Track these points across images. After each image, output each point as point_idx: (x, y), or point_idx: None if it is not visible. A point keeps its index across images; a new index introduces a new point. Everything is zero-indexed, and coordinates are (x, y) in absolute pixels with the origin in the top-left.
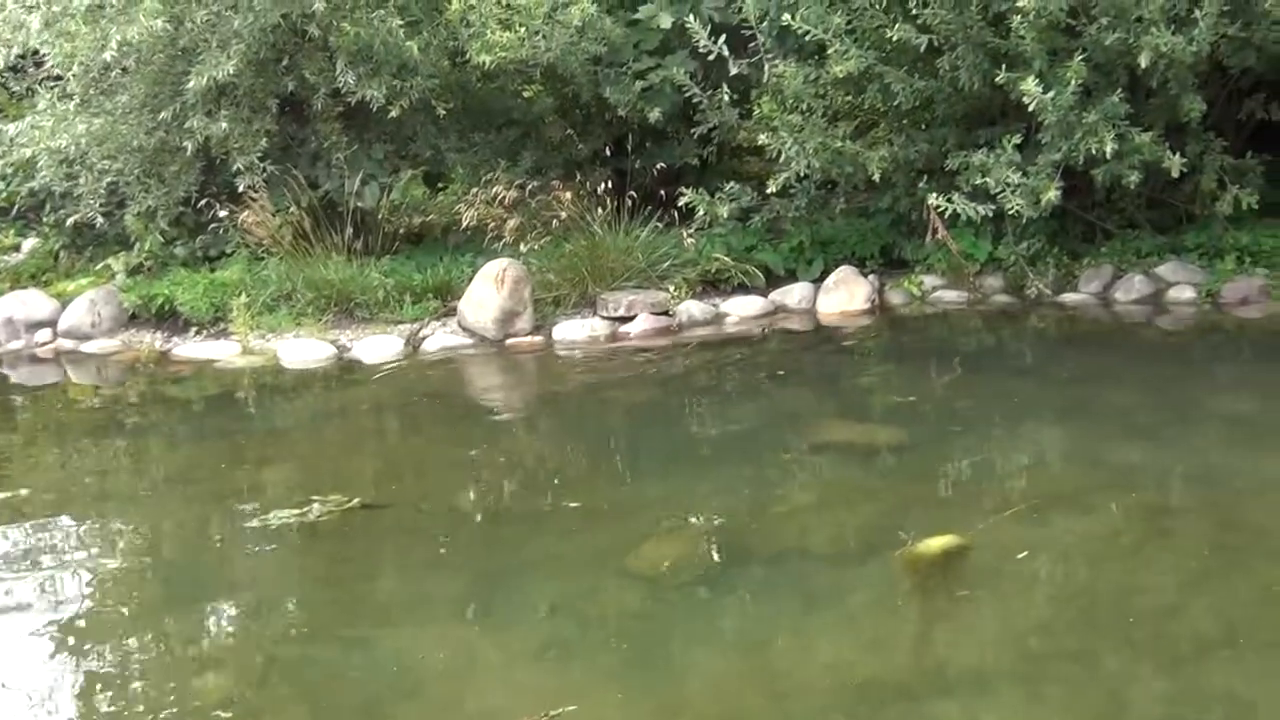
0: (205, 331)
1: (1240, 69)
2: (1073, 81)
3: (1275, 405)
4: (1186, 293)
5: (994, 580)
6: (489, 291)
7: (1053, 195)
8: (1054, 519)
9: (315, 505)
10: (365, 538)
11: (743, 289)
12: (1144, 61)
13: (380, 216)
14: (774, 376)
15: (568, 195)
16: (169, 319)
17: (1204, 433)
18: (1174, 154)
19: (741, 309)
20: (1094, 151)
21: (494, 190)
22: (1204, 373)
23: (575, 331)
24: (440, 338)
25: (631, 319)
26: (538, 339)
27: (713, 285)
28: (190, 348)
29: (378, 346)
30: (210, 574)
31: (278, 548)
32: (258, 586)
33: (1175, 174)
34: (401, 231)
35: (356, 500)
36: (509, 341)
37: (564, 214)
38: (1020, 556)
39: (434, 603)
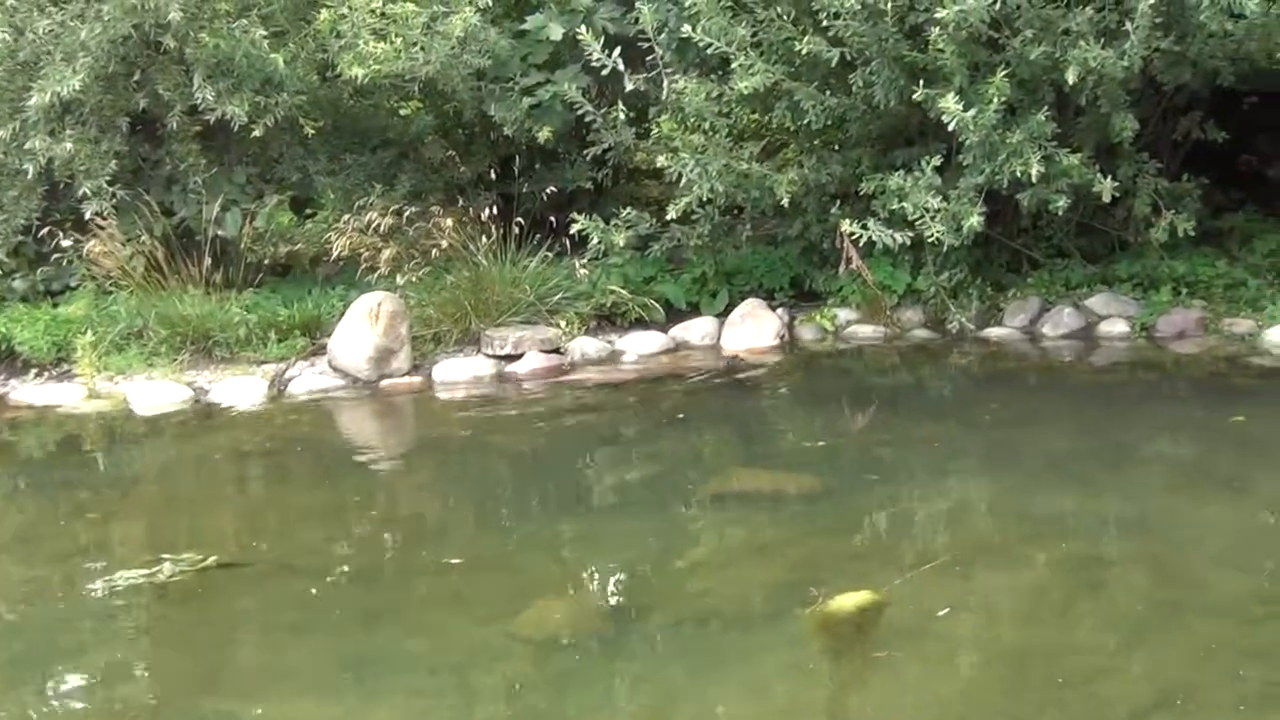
0: (46, 373)
1: (1175, 86)
2: (995, 99)
3: (1214, 448)
4: (1119, 326)
5: (914, 640)
6: (362, 328)
7: (975, 222)
8: (978, 573)
9: (167, 564)
10: (223, 600)
11: (641, 324)
12: (1071, 77)
13: (242, 246)
14: (675, 420)
15: (449, 222)
16: (5, 359)
17: (1139, 479)
18: (1105, 177)
19: (639, 346)
20: (1019, 174)
21: (368, 217)
22: (1138, 413)
23: (457, 371)
24: (308, 379)
25: (519, 357)
26: (416, 379)
27: (608, 320)
28: (29, 391)
29: (239, 389)
30: (49, 641)
31: (125, 611)
32: (101, 654)
33: (1106, 198)
34: (266, 262)
35: (213, 559)
36: (384, 383)
37: (445, 243)
38: (942, 614)
39: (299, 672)
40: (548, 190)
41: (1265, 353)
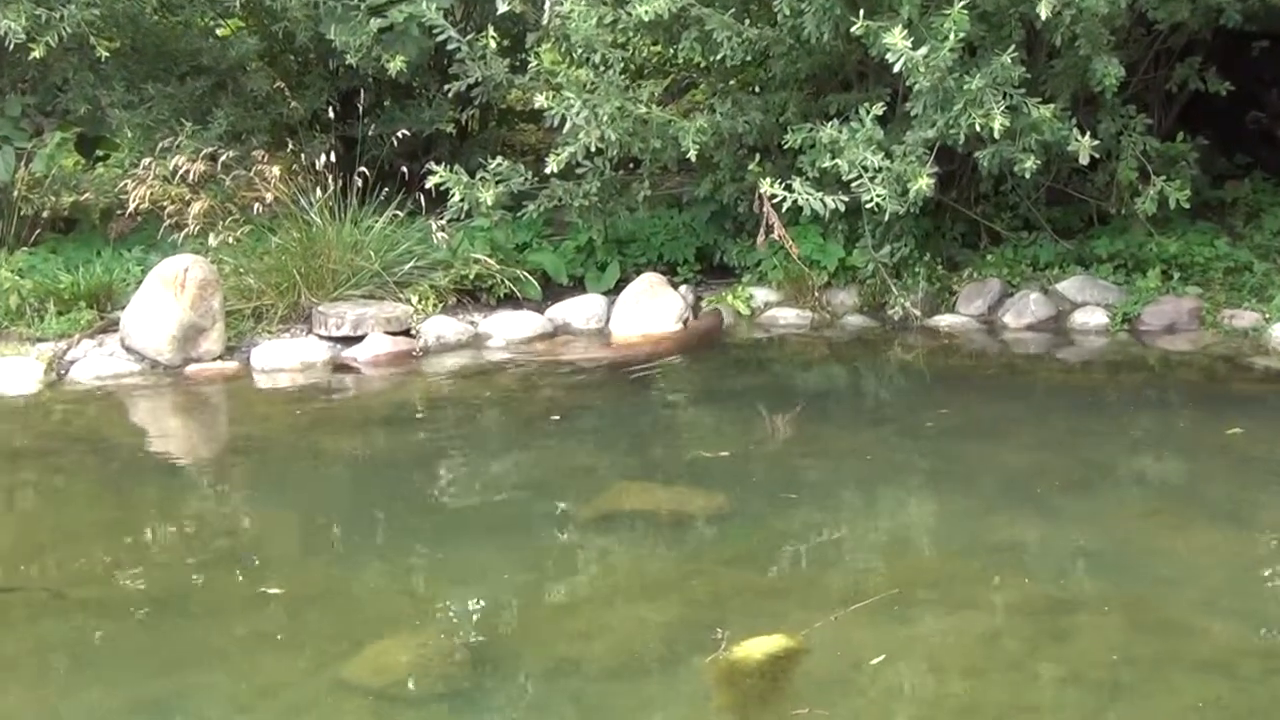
0: None
1: (1170, 25)
2: (952, 35)
3: (1207, 467)
4: (1096, 316)
5: (838, 695)
6: (164, 300)
7: (925, 185)
8: (918, 615)
9: None
10: None
11: (512, 302)
12: (1044, 11)
13: (15, 194)
14: (552, 422)
15: (275, 171)
16: None
17: (1115, 504)
18: (1083, 134)
19: (509, 329)
20: (978, 128)
21: (174, 161)
22: (1117, 424)
23: (283, 356)
24: (96, 361)
25: (359, 340)
26: (231, 365)
27: (471, 296)
28: None
29: (7, 373)
30: None
31: None
32: None
33: (1084, 160)
34: (45, 215)
35: None
36: (191, 368)
37: (270, 196)
38: (874, 663)
39: None
40: (399, 134)
41: (1272, 351)
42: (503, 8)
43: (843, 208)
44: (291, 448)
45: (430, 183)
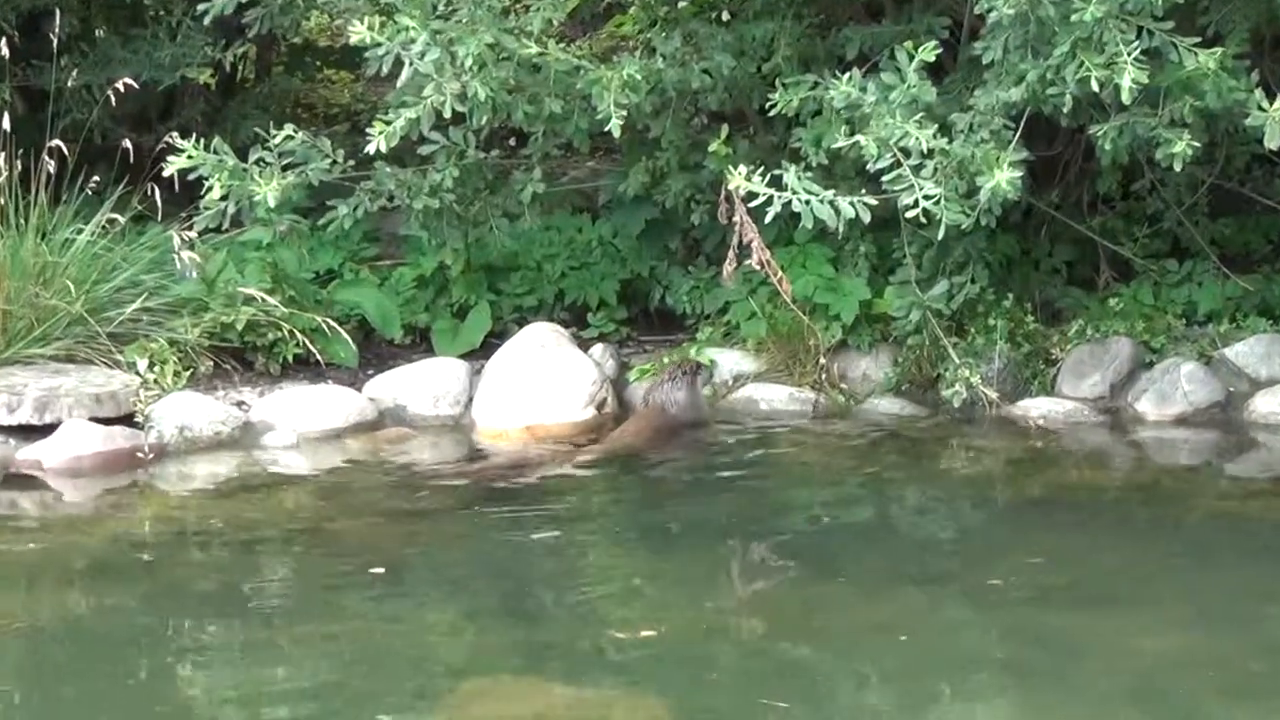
0: None
1: None
2: None
3: None
4: None
5: None
6: None
7: (1006, 182)
8: None
9: None
10: None
11: (309, 370)
12: None
13: None
14: (372, 576)
15: None
16: None
17: None
18: (1271, 99)
19: (303, 416)
20: (1096, 86)
21: None
22: None
23: None
24: None
25: (49, 430)
26: None
27: (240, 360)
28: None
29: None
30: None
31: None
32: None
33: (1274, 143)
34: None
35: None
36: None
37: None
38: None
39: None
40: (120, 84)
41: None
42: None
43: (868, 216)
44: None
45: (171, 168)
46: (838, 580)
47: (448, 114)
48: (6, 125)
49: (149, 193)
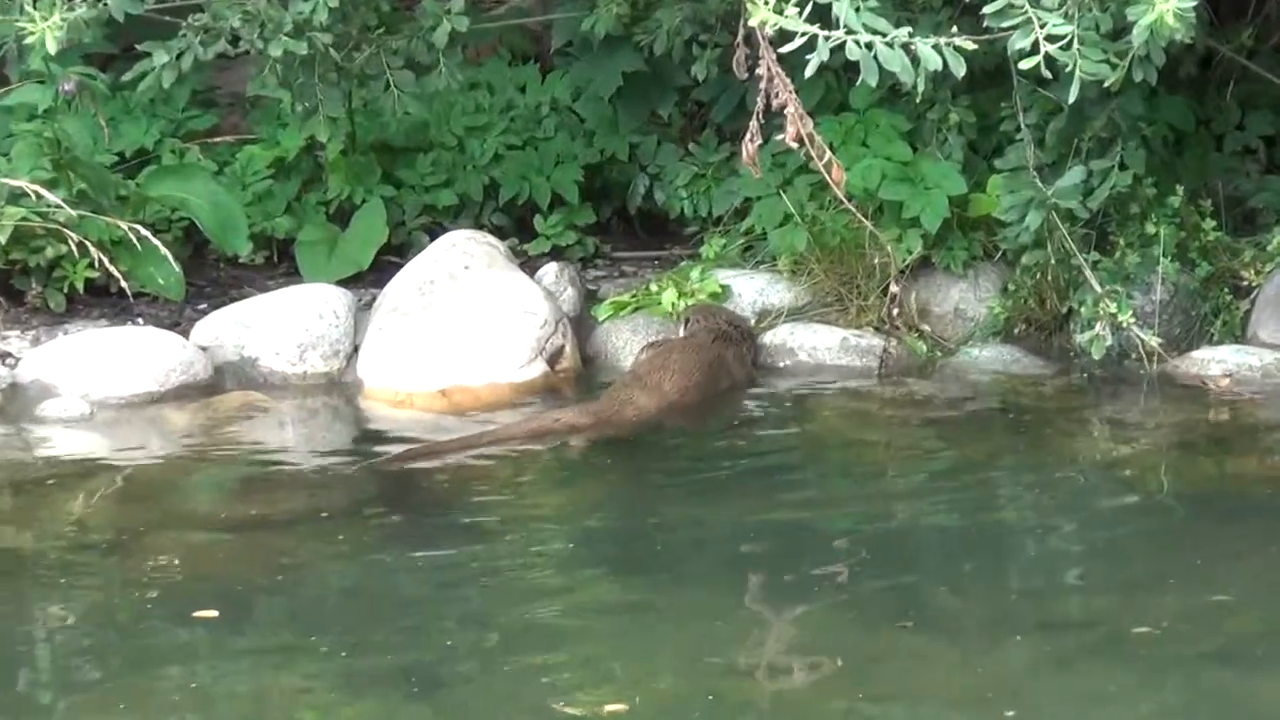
0: None
1: None
2: None
3: None
4: None
5: None
6: None
7: (1173, 15)
8: None
9: None
10: None
11: (108, 302)
12: None
13: None
14: (197, 624)
15: None
16: None
17: None
18: None
19: (101, 372)
20: None
21: None
22: None
23: None
24: None
25: None
26: None
27: (3, 287)
28: None
29: None
30: None
31: None
32: None
33: None
34: None
35: None
36: None
37: None
38: None
39: None
40: None
41: None
42: None
43: (962, 68)
44: None
45: None
46: (911, 628)
47: None
48: None
49: None
